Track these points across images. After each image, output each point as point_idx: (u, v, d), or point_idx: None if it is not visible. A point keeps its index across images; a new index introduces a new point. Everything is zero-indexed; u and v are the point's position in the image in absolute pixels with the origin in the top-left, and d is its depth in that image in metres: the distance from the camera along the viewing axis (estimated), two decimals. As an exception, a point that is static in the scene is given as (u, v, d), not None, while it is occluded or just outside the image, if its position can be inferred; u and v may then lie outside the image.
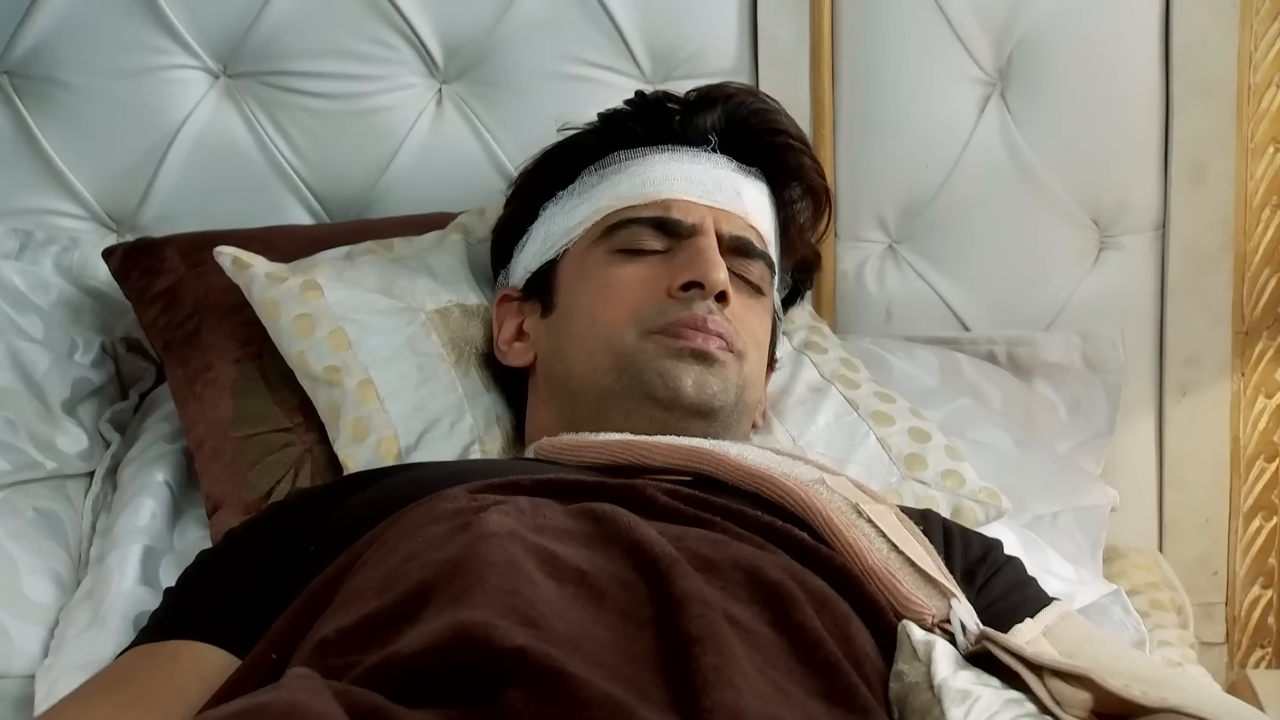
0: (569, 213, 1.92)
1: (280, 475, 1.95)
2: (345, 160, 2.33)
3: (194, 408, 2.02)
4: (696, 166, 1.90)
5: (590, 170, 1.92)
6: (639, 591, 1.33)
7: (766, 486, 1.59)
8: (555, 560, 1.35)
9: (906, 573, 1.50)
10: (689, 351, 1.76)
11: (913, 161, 2.33)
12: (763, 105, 1.96)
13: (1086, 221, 2.35)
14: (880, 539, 1.53)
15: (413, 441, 1.90)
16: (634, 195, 1.88)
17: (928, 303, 2.37)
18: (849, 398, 2.04)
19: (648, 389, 1.76)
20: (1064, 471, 2.19)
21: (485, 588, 1.29)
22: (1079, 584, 1.96)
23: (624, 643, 1.28)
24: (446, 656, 1.22)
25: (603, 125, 1.96)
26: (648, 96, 1.96)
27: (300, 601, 1.43)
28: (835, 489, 1.61)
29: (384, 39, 2.31)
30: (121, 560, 1.92)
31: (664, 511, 1.49)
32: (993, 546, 1.72)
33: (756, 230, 1.90)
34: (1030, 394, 2.29)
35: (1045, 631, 1.48)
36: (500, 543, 1.35)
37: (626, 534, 1.39)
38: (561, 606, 1.30)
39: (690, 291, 1.79)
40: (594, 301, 1.83)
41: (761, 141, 1.94)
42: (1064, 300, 2.36)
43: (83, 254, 2.28)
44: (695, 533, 1.44)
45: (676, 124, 1.92)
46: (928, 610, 1.46)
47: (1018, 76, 2.31)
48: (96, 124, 2.31)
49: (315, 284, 1.99)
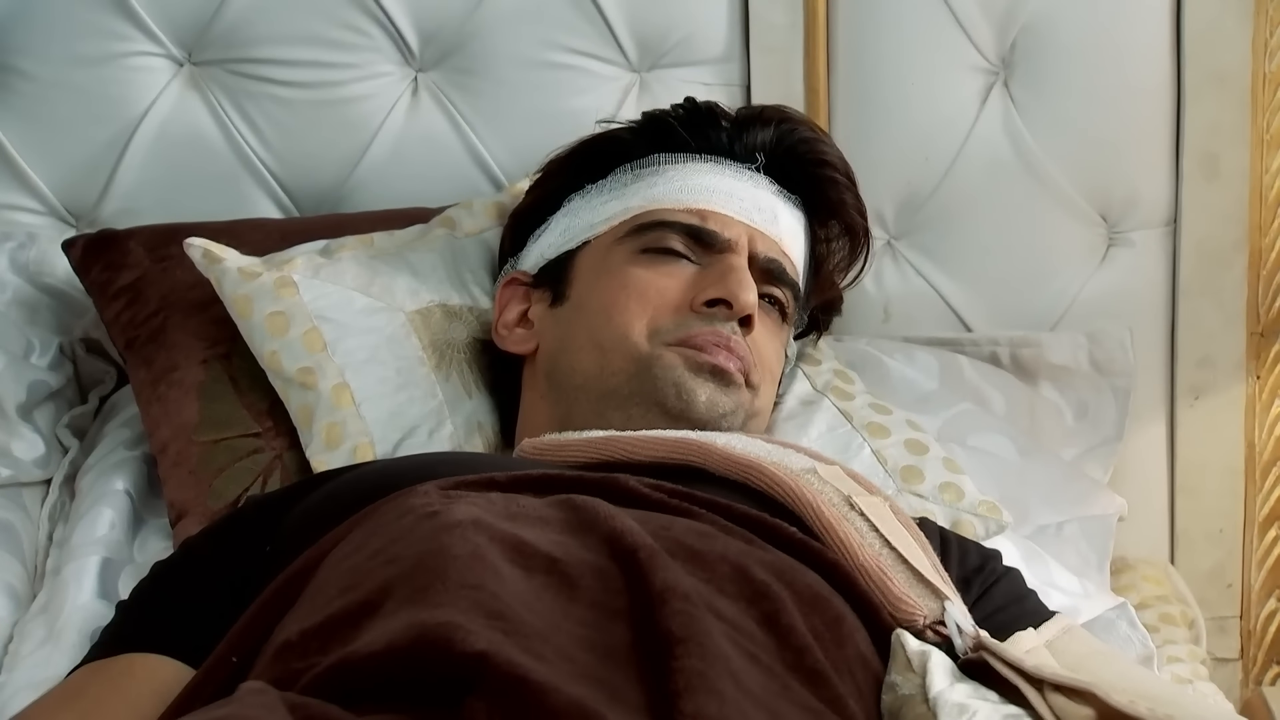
0: (596, 208, 1.93)
1: (248, 483, 1.94)
2: (316, 153, 2.32)
3: (157, 410, 2.01)
4: (738, 183, 1.92)
5: (626, 168, 1.94)
6: (614, 582, 1.32)
7: (755, 476, 1.59)
8: (524, 548, 1.35)
9: (899, 570, 1.50)
10: (709, 367, 1.78)
11: (912, 154, 2.33)
12: (814, 135, 1.99)
13: (1094, 216, 2.34)
14: (873, 533, 1.53)
15: (389, 449, 1.90)
16: (670, 200, 1.89)
17: (927, 302, 2.37)
18: (842, 409, 2.05)
19: (659, 397, 1.77)
20: (1070, 479, 2.19)
21: (448, 584, 1.28)
22: (1084, 597, 1.96)
23: (596, 637, 1.27)
24: (406, 660, 1.21)
25: (645, 125, 1.98)
26: (698, 104, 1.97)
27: (261, 600, 1.42)
28: (828, 479, 1.61)
29: (357, 25, 2.30)
30: (78, 573, 1.92)
31: (647, 502, 1.50)
32: (991, 557, 1.73)
33: (789, 258, 1.92)
34: (1035, 398, 2.29)
35: (1047, 644, 1.47)
36: (464, 533, 1.35)
37: (604, 522, 1.39)
38: (530, 598, 1.29)
39: (715, 309, 1.80)
40: (611, 299, 1.84)
41: (807, 170, 1.96)
42: (1070, 299, 2.36)
43: (40, 250, 2.27)
44: (681, 523, 1.44)
45: (725, 137, 1.94)
46: (919, 611, 1.46)
47: (1022, 64, 2.31)
48: (54, 114, 2.30)
49: (290, 280, 1.98)
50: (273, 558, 1.50)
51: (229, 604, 1.48)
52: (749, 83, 2.32)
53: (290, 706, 1.17)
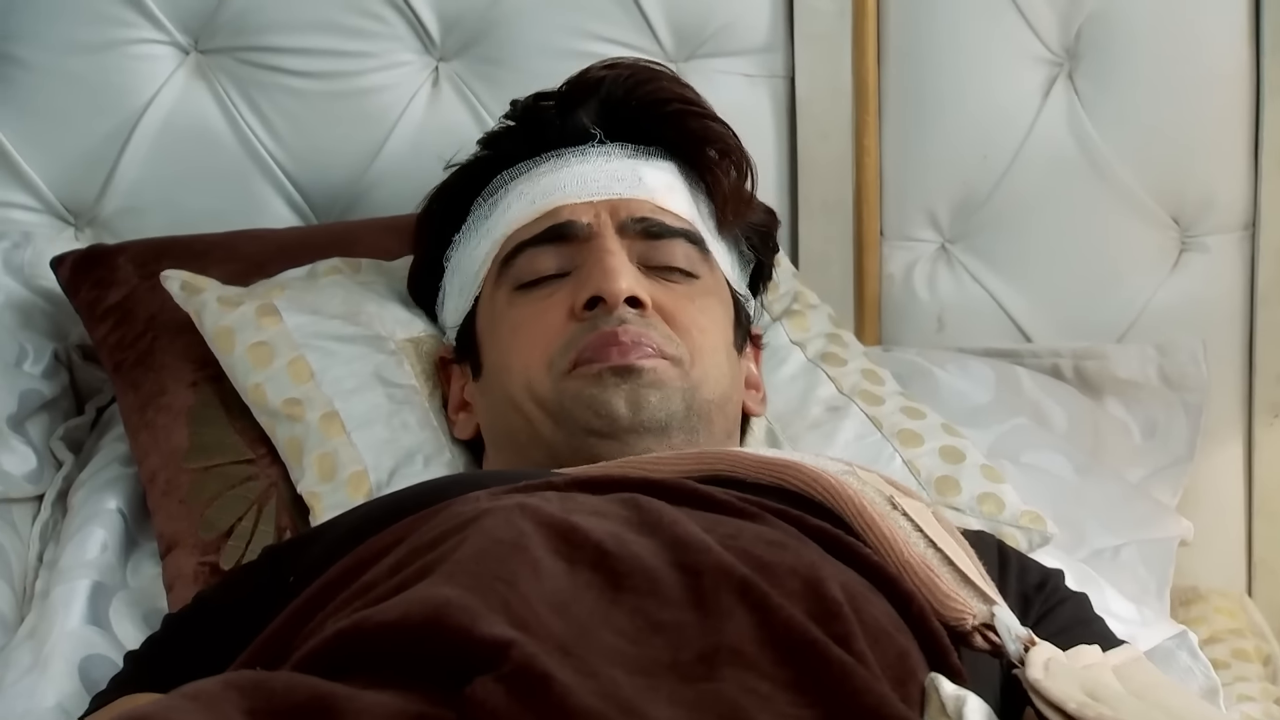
0: (470, 255, 1.92)
1: (241, 512, 1.92)
2: (330, 147, 2.32)
3: (146, 437, 2.00)
4: (587, 165, 1.90)
5: (479, 202, 1.93)
6: (667, 591, 1.31)
7: (792, 475, 1.56)
8: (573, 535, 1.34)
9: (945, 570, 1.47)
10: (608, 371, 1.75)
11: (968, 151, 2.32)
12: (642, 77, 1.94)
13: (1165, 219, 2.33)
14: (916, 533, 1.50)
15: (385, 478, 1.87)
16: (524, 215, 1.88)
17: (985, 310, 2.36)
18: (871, 415, 2.01)
19: (582, 423, 1.75)
20: (1129, 501, 2.16)
21: (481, 569, 1.28)
22: (1141, 625, 1.91)
23: (631, 650, 1.26)
24: (419, 634, 1.22)
25: (483, 149, 1.97)
26: (520, 104, 1.97)
27: (292, 609, 1.41)
28: (866, 480, 1.58)
29: (374, 11, 2.29)
30: (67, 597, 1.89)
31: (715, 504, 1.48)
32: (1054, 575, 1.69)
33: (668, 211, 1.89)
34: (1099, 414, 2.27)
35: (1115, 670, 1.42)
36: (509, 517, 1.35)
37: (668, 527, 1.37)
38: (566, 598, 1.28)
39: (595, 309, 1.78)
40: (505, 351, 1.83)
41: (651, 117, 1.92)
42: (1139, 308, 2.35)
43: (35, 251, 2.26)
44: (750, 530, 1.42)
45: (555, 127, 1.92)
46: (968, 610, 1.43)
47: (1088, 55, 2.29)
48: (51, 105, 2.30)
49: (273, 308, 1.98)
50: (297, 587, 1.47)
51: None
52: (793, 73, 2.31)
53: (269, 689, 1.18)
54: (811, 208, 2.33)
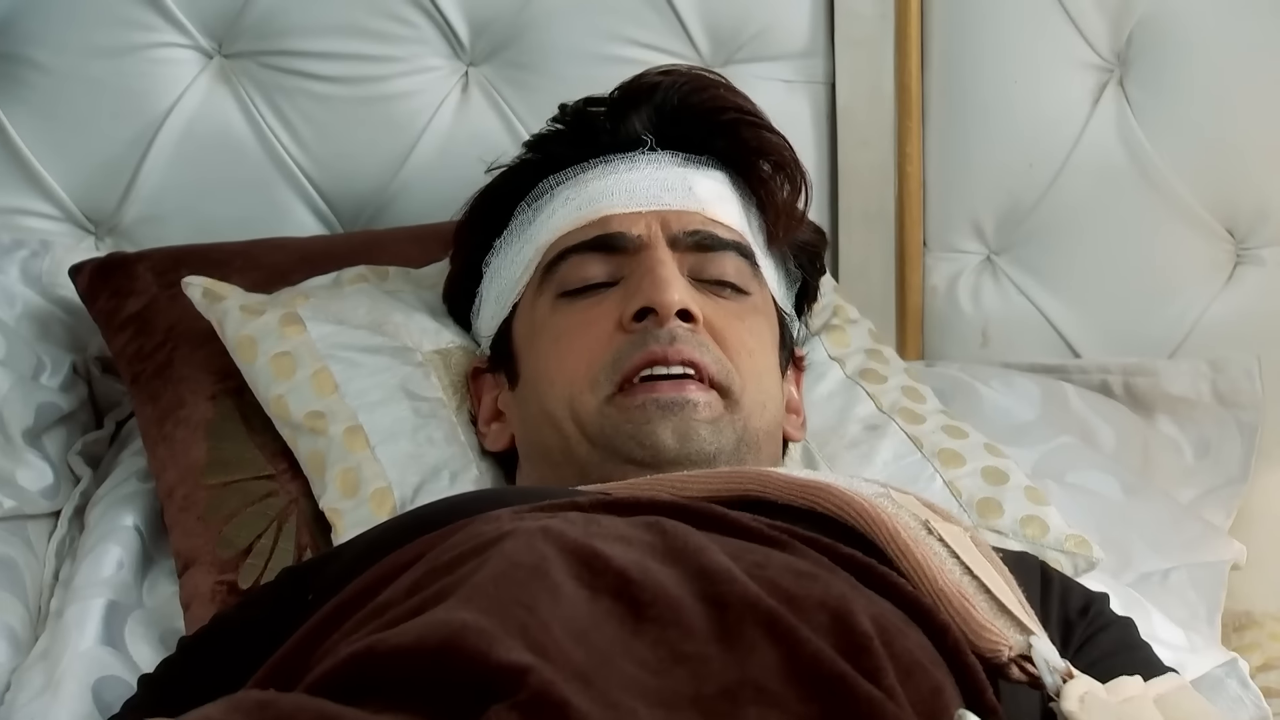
0: (512, 261, 1.90)
1: (261, 529, 1.90)
2: (356, 154, 2.32)
3: (163, 451, 1.99)
4: (636, 173, 1.88)
5: (523, 207, 1.91)
6: (691, 621, 1.29)
7: (824, 499, 1.54)
8: (595, 562, 1.32)
9: (981, 599, 1.45)
10: (653, 404, 1.73)
11: (1014, 159, 2.32)
12: (697, 84, 1.93)
13: (1219, 231, 2.31)
14: (952, 560, 1.49)
15: (409, 494, 1.86)
16: (570, 221, 1.86)
17: (1031, 324, 2.36)
18: (911, 434, 2.00)
19: (624, 454, 1.73)
20: (1179, 523, 2.13)
21: (500, 593, 1.27)
22: (1189, 652, 1.89)
23: (651, 682, 1.24)
24: (434, 658, 1.21)
25: (529, 153, 1.95)
26: (570, 108, 1.95)
27: (307, 627, 1.41)
28: (901, 504, 1.56)
29: (402, 14, 2.29)
30: (81, 616, 1.87)
31: (744, 531, 1.46)
32: (1098, 599, 1.68)
33: (720, 223, 1.87)
34: (1150, 432, 2.26)
35: (1156, 700, 1.39)
36: (531, 541, 1.34)
37: (694, 555, 1.35)
38: (586, 625, 1.27)
39: (645, 321, 1.76)
40: (547, 362, 1.81)
41: (706, 125, 1.91)
42: (1192, 323, 2.34)
43: (54, 260, 2.26)
44: (779, 560, 1.40)
45: (606, 132, 1.91)
46: (1003, 641, 1.40)
47: (1139, 60, 2.28)
48: (71, 110, 2.29)
49: (296, 317, 1.97)
50: (316, 606, 1.46)
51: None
52: (833, 79, 2.31)
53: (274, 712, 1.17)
54: (852, 218, 2.32)
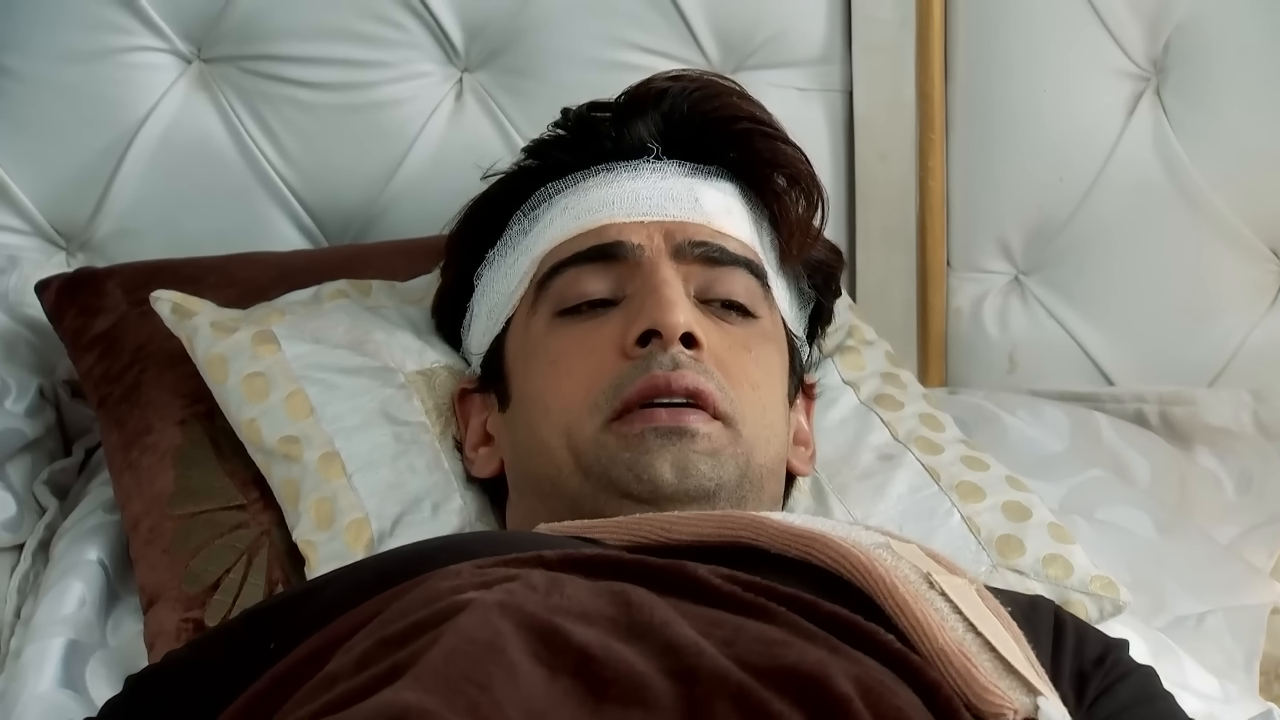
0: (506, 274, 1.87)
1: (230, 563, 1.87)
2: (344, 165, 2.30)
3: (129, 480, 1.97)
4: (640, 182, 1.84)
5: (519, 216, 1.87)
6: (655, 699, 1.26)
7: (819, 550, 1.50)
8: (554, 639, 1.29)
9: (985, 658, 1.43)
10: (652, 432, 1.69)
11: (1044, 173, 2.30)
12: (708, 91, 1.89)
13: (1263, 250, 2.29)
14: (954, 615, 1.46)
15: (387, 526, 1.83)
16: (567, 231, 1.83)
17: (1061, 349, 2.35)
18: (928, 465, 1.96)
19: (620, 487, 1.69)
20: (1217, 563, 2.10)
21: (450, 671, 1.24)
22: (1224, 702, 1.86)
23: None
24: None
25: (527, 159, 1.92)
26: (572, 113, 1.92)
27: (255, 690, 1.38)
28: (903, 555, 1.54)
29: (392, 17, 2.27)
30: (39, 657, 1.85)
31: (717, 596, 1.42)
32: (1116, 647, 1.64)
33: (728, 235, 1.83)
34: (1188, 465, 2.24)
35: None
36: (485, 615, 1.30)
37: (659, 630, 1.32)
38: (543, 705, 1.23)
39: (650, 345, 1.72)
40: (544, 386, 1.77)
41: (717, 135, 1.88)
42: (1233, 349, 2.32)
43: (22, 277, 2.24)
44: (751, 629, 1.37)
45: (610, 138, 1.87)
46: (1008, 703, 1.38)
47: (1176, 69, 2.26)
48: (42, 118, 2.28)
49: (271, 335, 1.94)
50: (277, 656, 1.43)
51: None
52: (851, 87, 2.30)
53: None
54: (870, 235, 2.30)
